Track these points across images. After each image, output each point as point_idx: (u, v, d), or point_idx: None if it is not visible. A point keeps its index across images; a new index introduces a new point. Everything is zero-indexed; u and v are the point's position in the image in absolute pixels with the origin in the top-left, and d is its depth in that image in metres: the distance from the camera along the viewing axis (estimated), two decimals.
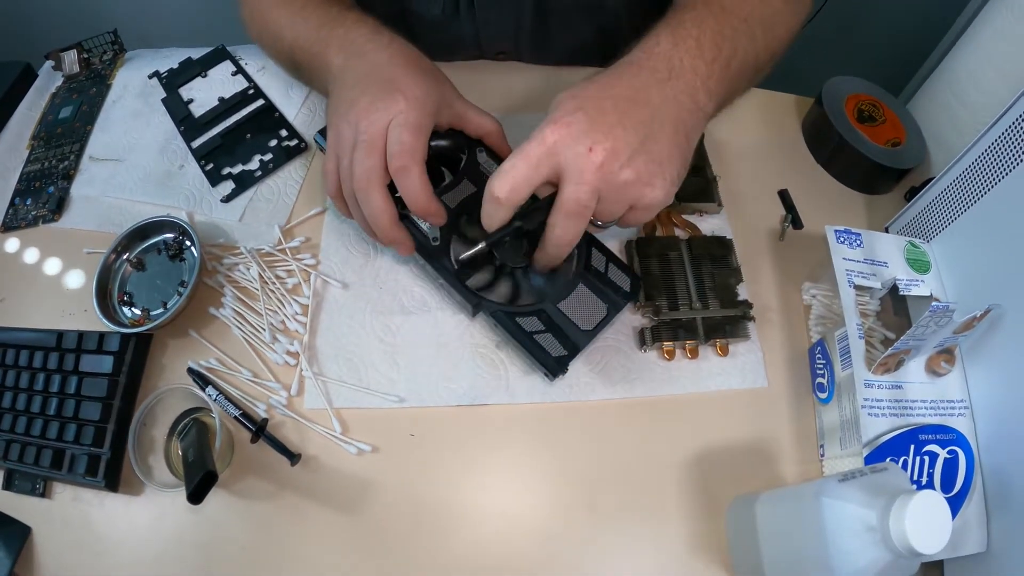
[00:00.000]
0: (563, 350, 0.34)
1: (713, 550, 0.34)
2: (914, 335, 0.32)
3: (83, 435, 0.36)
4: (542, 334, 0.34)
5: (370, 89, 0.34)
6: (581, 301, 0.35)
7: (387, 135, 0.33)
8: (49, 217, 0.45)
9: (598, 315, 0.35)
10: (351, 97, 0.34)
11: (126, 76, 0.52)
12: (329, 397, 0.37)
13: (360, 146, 0.33)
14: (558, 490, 0.35)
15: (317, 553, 0.34)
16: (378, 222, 0.34)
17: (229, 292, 0.40)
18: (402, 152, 0.32)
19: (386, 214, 0.33)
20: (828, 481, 0.27)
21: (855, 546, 0.25)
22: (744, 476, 0.35)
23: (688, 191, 0.42)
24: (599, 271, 0.36)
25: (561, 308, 0.35)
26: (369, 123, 0.33)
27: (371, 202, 0.33)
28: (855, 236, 0.38)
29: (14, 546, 0.35)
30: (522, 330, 0.34)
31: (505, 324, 0.35)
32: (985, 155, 0.34)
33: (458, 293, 0.36)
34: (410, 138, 0.32)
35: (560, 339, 0.34)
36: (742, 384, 0.37)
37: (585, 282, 0.36)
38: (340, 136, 0.34)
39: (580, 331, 0.35)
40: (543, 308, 0.35)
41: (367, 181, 0.33)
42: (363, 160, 0.33)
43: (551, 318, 0.35)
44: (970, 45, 0.42)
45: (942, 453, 0.34)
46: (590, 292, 0.36)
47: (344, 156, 0.34)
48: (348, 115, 0.34)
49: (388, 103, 0.33)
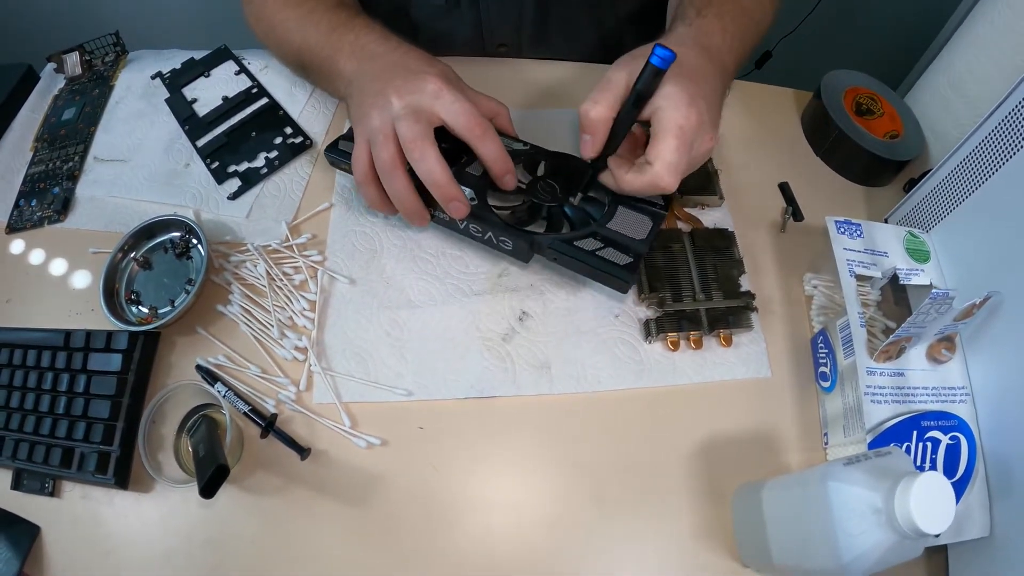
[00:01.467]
0: (628, 258, 0.35)
1: (718, 537, 0.34)
2: (915, 322, 0.32)
3: (92, 433, 0.36)
4: (603, 250, 0.36)
5: (395, 79, 0.35)
6: (626, 219, 0.37)
7: (438, 109, 0.34)
8: (54, 218, 0.45)
9: (646, 226, 0.37)
10: (375, 89, 0.36)
11: (129, 77, 0.52)
12: (338, 391, 0.37)
13: (405, 117, 0.34)
14: (565, 480, 0.35)
15: (328, 546, 0.34)
16: (435, 178, 0.34)
17: (236, 289, 0.40)
18: (470, 114, 0.34)
19: (444, 169, 0.34)
20: (834, 465, 0.28)
21: (861, 528, 0.26)
22: (748, 465, 0.36)
23: (690, 184, 0.43)
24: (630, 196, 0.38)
25: (611, 227, 0.37)
26: (407, 101, 0.34)
27: (427, 159, 0.34)
28: (855, 226, 0.38)
29: (23, 545, 0.35)
30: (584, 251, 0.36)
31: (566, 251, 0.36)
32: (982, 145, 0.35)
33: (510, 239, 0.37)
34: (467, 104, 0.35)
35: (621, 250, 0.36)
36: (746, 374, 0.38)
37: (623, 203, 0.38)
38: (370, 123, 0.35)
39: (636, 240, 0.36)
40: (595, 230, 0.37)
41: (420, 140, 0.34)
42: (412, 126, 0.34)
43: (606, 236, 0.36)
44: (967, 38, 0.43)
45: (944, 439, 0.34)
46: (631, 211, 0.37)
47: (376, 137, 0.35)
48: (377, 102, 0.35)
49: (420, 83, 0.35)
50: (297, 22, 0.42)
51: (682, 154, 0.33)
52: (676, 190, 0.43)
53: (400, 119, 0.34)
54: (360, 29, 0.39)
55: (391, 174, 0.35)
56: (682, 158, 0.33)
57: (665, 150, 0.33)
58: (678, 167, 0.33)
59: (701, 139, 0.34)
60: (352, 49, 0.39)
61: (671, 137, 0.33)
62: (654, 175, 0.33)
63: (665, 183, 0.33)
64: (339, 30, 0.40)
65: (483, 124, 0.35)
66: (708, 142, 0.35)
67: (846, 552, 0.26)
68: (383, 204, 0.37)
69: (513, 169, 0.36)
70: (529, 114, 0.46)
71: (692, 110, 0.32)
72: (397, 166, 0.35)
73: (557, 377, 0.37)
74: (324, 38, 0.40)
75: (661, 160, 0.33)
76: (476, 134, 0.35)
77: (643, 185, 0.34)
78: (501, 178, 0.36)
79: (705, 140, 0.34)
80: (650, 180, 0.33)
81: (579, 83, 0.49)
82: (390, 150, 0.34)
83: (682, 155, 0.33)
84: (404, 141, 0.34)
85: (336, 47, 0.39)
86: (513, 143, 0.40)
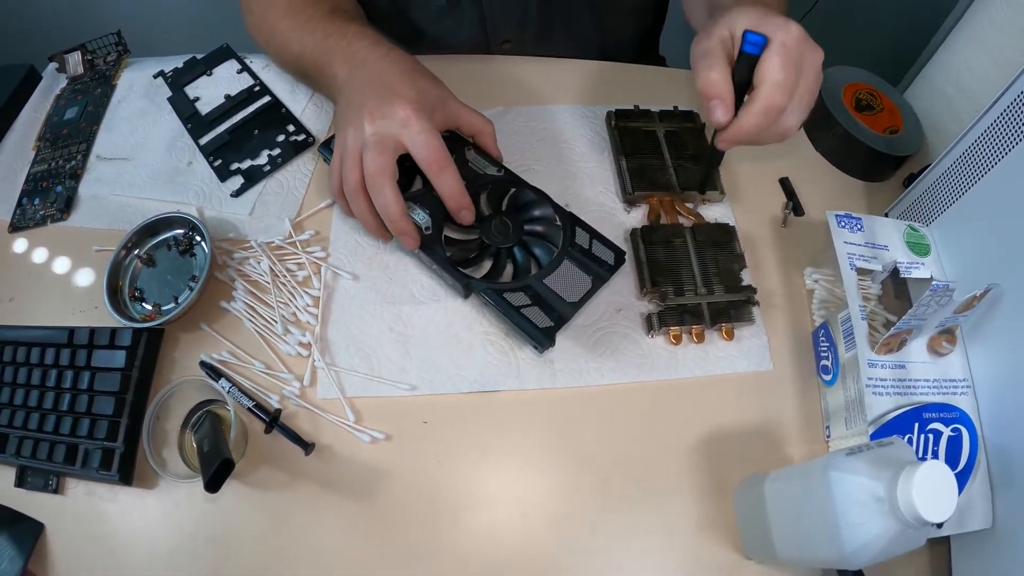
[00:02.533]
0: (550, 322, 0.36)
1: (722, 529, 0.34)
2: (915, 314, 0.33)
3: (96, 429, 0.36)
4: (529, 307, 0.36)
5: (371, 96, 0.36)
6: (566, 276, 0.37)
7: (404, 138, 0.35)
8: (57, 216, 0.45)
9: (583, 287, 0.37)
10: (357, 103, 0.37)
11: (131, 76, 0.52)
12: (342, 387, 0.37)
13: (372, 146, 0.35)
14: (569, 473, 0.35)
15: (332, 541, 0.34)
16: (389, 213, 0.36)
17: (240, 286, 0.41)
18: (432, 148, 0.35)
19: (397, 205, 0.35)
20: (836, 455, 0.28)
21: (864, 517, 0.26)
22: (751, 457, 0.36)
23: (691, 180, 0.43)
24: (583, 247, 0.38)
25: (547, 283, 0.37)
26: (377, 127, 0.35)
27: (384, 194, 0.35)
28: (856, 220, 0.38)
29: (27, 543, 0.35)
30: (509, 305, 0.36)
31: (494, 300, 0.36)
32: (981, 139, 0.35)
33: (450, 276, 0.38)
34: (431, 136, 0.35)
35: (547, 311, 0.36)
36: (747, 367, 0.38)
37: (569, 258, 0.38)
38: (345, 139, 0.37)
39: (566, 303, 0.36)
40: (529, 284, 0.37)
41: (380, 175, 0.35)
42: (375, 158, 0.35)
43: (537, 292, 0.36)
44: (965, 34, 0.43)
45: (946, 431, 0.34)
46: (574, 267, 0.37)
47: (347, 158, 0.36)
48: (353, 120, 0.36)
49: (391, 108, 0.35)
50: (295, 31, 0.43)
51: (789, 70, 0.31)
52: (678, 186, 0.43)
53: (367, 148, 0.35)
54: (352, 36, 0.40)
55: (354, 197, 0.37)
56: (790, 74, 0.31)
57: (769, 68, 0.31)
58: (786, 84, 0.31)
59: (809, 54, 0.32)
60: (344, 55, 0.39)
61: (773, 55, 0.31)
62: (766, 97, 0.31)
63: (777, 102, 0.31)
64: (333, 36, 0.41)
65: (442, 159, 0.35)
66: (817, 51, 0.33)
67: (849, 542, 0.26)
68: (351, 215, 0.39)
69: (470, 205, 0.37)
70: (537, 110, 0.46)
71: (790, 25, 0.31)
72: (359, 191, 0.36)
73: (560, 371, 0.37)
74: (319, 45, 0.41)
75: (768, 80, 0.31)
76: (434, 169, 0.36)
77: (758, 115, 0.32)
78: (457, 213, 0.38)
79: (815, 54, 0.32)
80: (763, 104, 0.32)
81: (582, 80, 0.49)
82: (355, 175, 0.36)
83: (789, 71, 0.31)
84: (366, 171, 0.35)
85: (330, 54, 0.40)
86: (488, 166, 0.41)
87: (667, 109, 0.47)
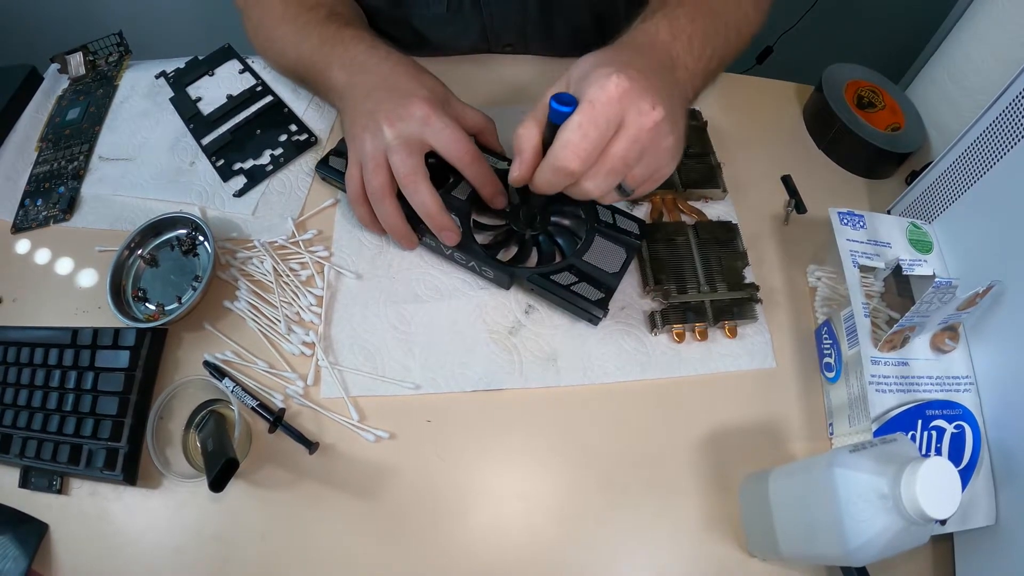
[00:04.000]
0: (600, 293, 0.37)
1: (726, 525, 0.34)
2: (918, 311, 0.33)
3: (100, 430, 0.36)
4: (577, 284, 0.37)
5: (384, 102, 0.36)
6: (601, 250, 0.38)
7: (428, 137, 0.35)
8: (60, 217, 0.45)
9: (619, 258, 0.38)
10: (367, 109, 0.36)
11: (133, 77, 0.52)
12: (346, 386, 0.37)
13: (398, 148, 0.35)
14: (573, 472, 0.35)
15: (337, 539, 0.34)
16: (429, 210, 0.35)
17: (243, 285, 0.41)
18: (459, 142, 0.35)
19: (436, 201, 0.35)
20: (840, 452, 0.28)
21: (868, 513, 0.26)
22: (755, 455, 0.36)
23: (693, 178, 0.43)
24: (608, 223, 0.39)
25: (587, 260, 0.38)
26: (398, 129, 0.35)
27: (420, 192, 0.35)
28: (858, 218, 0.38)
29: (31, 543, 0.35)
30: (559, 285, 0.37)
31: (543, 284, 0.37)
32: (983, 136, 0.35)
33: (492, 270, 0.38)
34: (455, 131, 0.35)
35: (594, 285, 0.37)
36: (751, 365, 0.38)
37: (599, 233, 0.39)
38: (363, 147, 0.36)
39: (608, 274, 0.38)
40: (571, 263, 0.38)
41: (413, 175, 0.35)
42: (405, 159, 0.35)
43: (580, 270, 0.38)
44: (967, 30, 0.43)
45: (949, 428, 0.34)
46: (606, 241, 0.39)
47: (367, 163, 0.36)
48: (369, 126, 0.36)
49: (409, 109, 0.35)
50: (292, 36, 0.42)
51: (586, 132, 0.27)
52: (680, 184, 0.43)
53: (392, 151, 0.35)
54: (349, 41, 0.40)
55: (381, 201, 0.36)
56: (586, 136, 0.28)
57: (563, 128, 0.28)
58: (578, 147, 0.28)
59: (635, 114, 0.28)
60: (342, 62, 0.39)
61: (574, 115, 0.28)
62: (551, 157, 0.29)
63: (563, 163, 0.28)
64: (329, 43, 0.40)
65: (471, 151, 0.35)
66: (649, 113, 0.28)
67: (853, 538, 0.26)
68: (373, 224, 0.39)
69: (503, 189, 0.37)
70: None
71: (611, 81, 0.27)
72: (387, 194, 0.36)
73: (564, 369, 0.37)
74: (315, 51, 0.41)
75: (558, 140, 0.28)
76: (466, 161, 0.35)
77: (546, 173, 0.30)
78: (492, 199, 0.38)
79: (643, 115, 0.28)
80: (549, 163, 0.29)
81: None
82: (381, 178, 0.35)
83: (586, 133, 0.27)
84: (398, 174, 0.35)
85: (327, 60, 0.40)
86: (498, 162, 0.41)
87: None
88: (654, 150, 0.30)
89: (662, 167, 0.31)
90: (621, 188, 0.32)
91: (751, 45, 0.43)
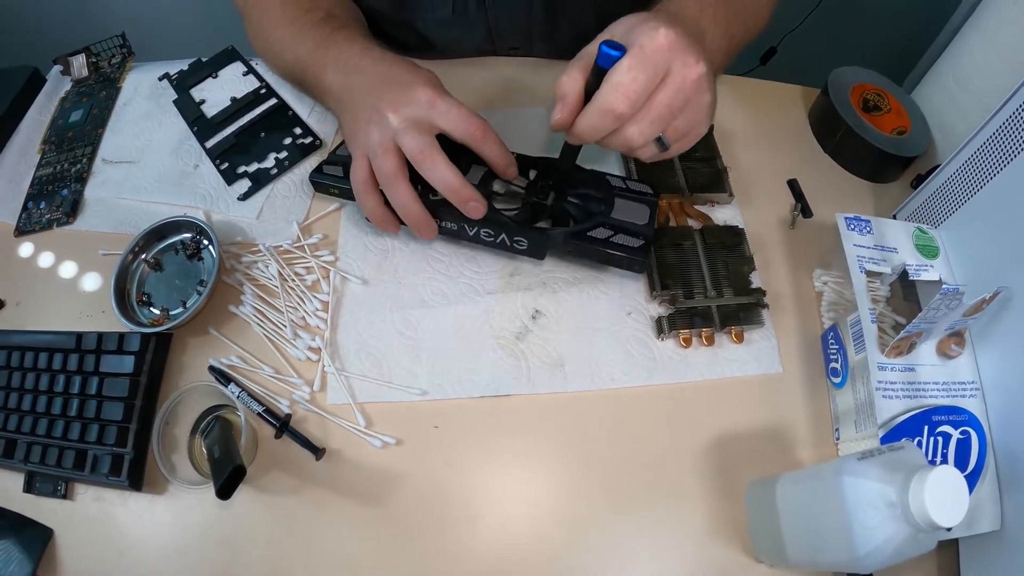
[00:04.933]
0: (639, 241, 0.37)
1: (732, 532, 0.34)
2: (926, 318, 0.33)
3: (106, 435, 0.36)
4: (615, 236, 0.37)
5: (386, 93, 0.35)
6: (625, 209, 0.38)
7: (435, 119, 0.34)
8: (63, 220, 0.45)
9: (645, 213, 0.38)
10: (368, 104, 0.36)
11: (136, 79, 0.52)
12: (352, 392, 0.37)
13: (407, 131, 0.34)
14: (580, 477, 0.35)
15: (342, 546, 0.34)
16: (450, 183, 0.34)
17: (248, 290, 0.40)
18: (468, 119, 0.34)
19: (457, 173, 0.34)
20: (847, 459, 0.28)
21: (876, 521, 0.26)
22: (761, 460, 0.36)
23: (699, 182, 0.43)
24: (622, 187, 0.39)
25: (616, 216, 0.38)
26: (403, 115, 0.34)
27: (439, 167, 0.34)
28: (865, 223, 0.38)
29: (36, 548, 0.35)
30: (599, 239, 0.37)
31: (581, 241, 0.37)
32: (990, 141, 0.35)
33: (526, 237, 0.37)
34: (463, 109, 0.34)
35: (631, 235, 0.37)
36: (757, 370, 0.38)
37: (619, 195, 0.39)
38: (369, 139, 0.35)
39: (641, 225, 0.37)
40: (603, 220, 0.37)
41: (428, 151, 0.34)
42: (416, 137, 0.34)
43: (614, 224, 0.37)
44: (973, 33, 0.43)
45: (955, 434, 0.34)
46: (628, 200, 0.39)
47: (375, 152, 0.35)
48: (373, 117, 0.35)
49: (412, 95, 0.34)
50: (289, 39, 0.42)
51: (636, 76, 0.28)
52: (687, 188, 0.43)
53: (401, 133, 0.34)
54: (343, 43, 0.39)
55: (394, 185, 0.35)
56: (636, 79, 0.28)
57: (614, 71, 0.28)
58: (628, 89, 0.28)
59: (680, 65, 0.29)
60: (336, 64, 0.39)
61: (623, 59, 0.28)
62: (600, 99, 0.29)
63: (611, 105, 0.29)
64: (323, 45, 0.40)
65: (482, 125, 0.34)
66: (694, 67, 0.29)
67: (861, 545, 0.26)
68: (385, 216, 0.37)
69: (514, 160, 0.37)
70: (545, 112, 0.46)
71: (660, 31, 0.28)
72: (400, 176, 0.34)
73: (571, 375, 0.37)
74: (311, 54, 0.40)
75: (608, 82, 0.28)
76: (477, 137, 0.34)
77: (591, 116, 0.29)
78: (504, 171, 0.37)
79: (688, 68, 0.29)
80: (596, 105, 0.29)
81: None
82: (392, 162, 0.34)
83: (636, 77, 0.28)
84: (412, 153, 0.34)
85: (321, 63, 0.39)
86: None
87: None
88: (696, 103, 0.31)
89: (700, 123, 0.32)
90: (660, 141, 0.32)
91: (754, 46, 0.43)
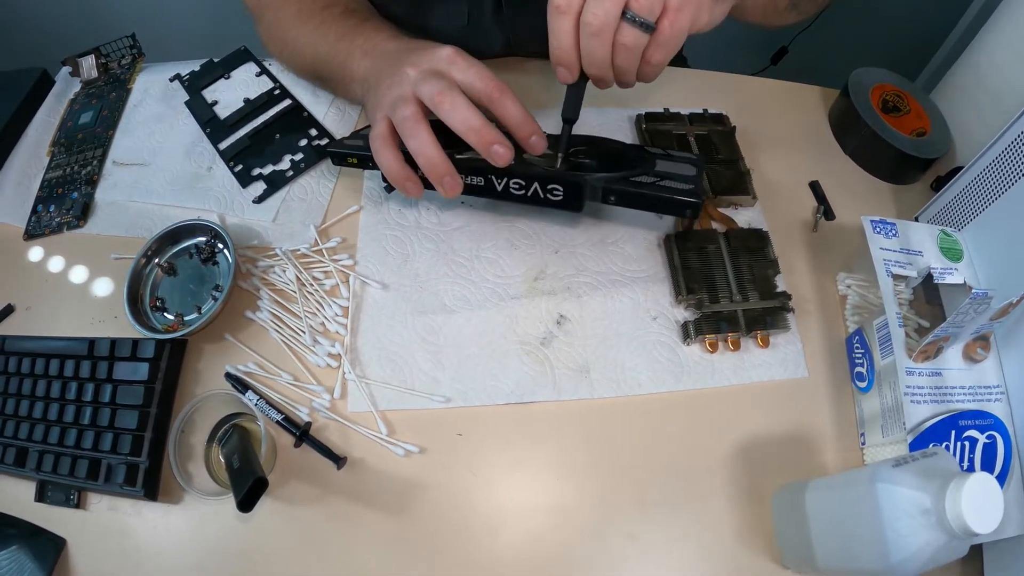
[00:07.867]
0: (688, 185, 0.34)
1: (759, 537, 0.34)
2: (954, 322, 0.32)
3: (120, 444, 0.35)
4: (660, 182, 0.35)
5: (409, 56, 0.35)
6: (669, 167, 0.36)
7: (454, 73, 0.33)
8: (74, 223, 0.44)
9: (690, 171, 0.36)
10: (390, 72, 0.35)
11: (146, 80, 0.51)
12: (374, 399, 0.37)
13: (426, 79, 0.33)
14: (606, 484, 0.35)
15: (366, 557, 0.33)
16: (472, 122, 0.32)
17: (265, 295, 0.40)
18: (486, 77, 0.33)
19: (479, 113, 0.32)
20: (882, 466, 0.28)
21: (910, 528, 0.26)
22: (787, 465, 0.35)
23: (723, 184, 0.43)
24: (663, 154, 0.38)
25: (660, 170, 0.36)
26: (422, 68, 0.34)
27: (460, 107, 0.32)
28: (890, 226, 0.38)
29: (48, 558, 0.35)
30: (645, 183, 0.34)
31: (626, 187, 0.34)
32: (1015, 144, 0.35)
33: (562, 185, 0.34)
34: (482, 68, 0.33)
35: (677, 182, 0.35)
36: (783, 375, 0.38)
37: (661, 159, 0.37)
38: (391, 97, 0.34)
39: (685, 177, 0.35)
40: (644, 169, 0.35)
41: (448, 92, 0.32)
42: (436, 82, 0.32)
43: (659, 173, 0.35)
44: (993, 34, 0.43)
45: (981, 438, 0.34)
46: (670, 161, 0.37)
47: (397, 105, 0.33)
48: (394, 81, 0.34)
49: (434, 53, 0.34)
50: (309, 36, 0.42)
51: None
52: (711, 191, 0.42)
53: (420, 82, 0.33)
54: (370, 32, 0.39)
55: (414, 129, 0.32)
56: None
57: None
58: None
59: None
60: (364, 50, 0.39)
61: None
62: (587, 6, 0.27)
63: None
64: (349, 35, 0.40)
65: (500, 84, 0.32)
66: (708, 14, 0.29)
67: (895, 553, 0.26)
68: (405, 172, 0.34)
69: (540, 131, 0.33)
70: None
71: None
72: (420, 121, 0.32)
73: (597, 381, 0.37)
74: (334, 45, 0.40)
75: None
76: (495, 96, 0.32)
77: (549, 20, 0.29)
78: (527, 140, 0.33)
79: None
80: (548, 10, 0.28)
81: None
82: (411, 108, 0.32)
83: None
84: (430, 97, 0.32)
85: (347, 51, 0.39)
86: None
87: (696, 112, 0.46)
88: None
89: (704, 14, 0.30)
90: (637, 22, 0.29)
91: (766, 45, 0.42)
